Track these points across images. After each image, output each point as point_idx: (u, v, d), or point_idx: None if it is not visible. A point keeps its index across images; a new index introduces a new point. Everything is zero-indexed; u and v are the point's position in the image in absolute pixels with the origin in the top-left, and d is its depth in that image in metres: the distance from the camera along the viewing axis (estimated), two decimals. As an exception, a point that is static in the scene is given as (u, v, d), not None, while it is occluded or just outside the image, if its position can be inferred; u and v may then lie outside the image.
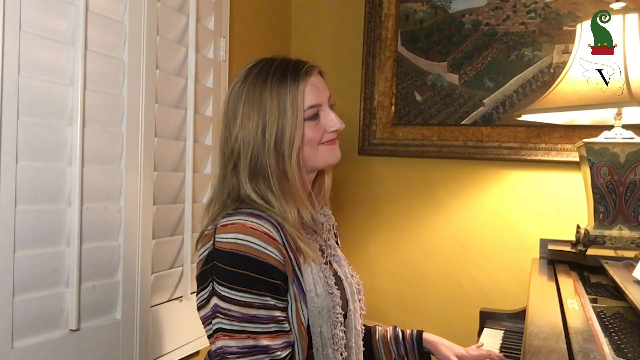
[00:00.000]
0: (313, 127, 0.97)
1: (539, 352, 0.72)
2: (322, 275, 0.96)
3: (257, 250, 0.86)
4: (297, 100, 0.94)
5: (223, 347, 0.86)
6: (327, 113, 0.99)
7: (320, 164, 1.01)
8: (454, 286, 1.89)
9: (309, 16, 2.16)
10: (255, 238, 0.87)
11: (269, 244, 0.87)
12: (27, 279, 0.96)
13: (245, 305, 0.86)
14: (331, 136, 1.00)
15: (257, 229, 0.88)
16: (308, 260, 0.94)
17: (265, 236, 0.88)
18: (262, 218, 0.90)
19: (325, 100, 1.00)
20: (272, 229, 0.89)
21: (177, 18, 1.37)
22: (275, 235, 0.89)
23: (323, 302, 0.93)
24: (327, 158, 1.00)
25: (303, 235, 0.95)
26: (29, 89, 0.96)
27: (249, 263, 0.86)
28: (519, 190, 1.81)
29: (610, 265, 1.08)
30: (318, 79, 1.00)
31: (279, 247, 0.89)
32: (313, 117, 0.97)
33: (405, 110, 1.96)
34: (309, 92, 0.96)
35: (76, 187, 1.05)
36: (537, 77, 1.76)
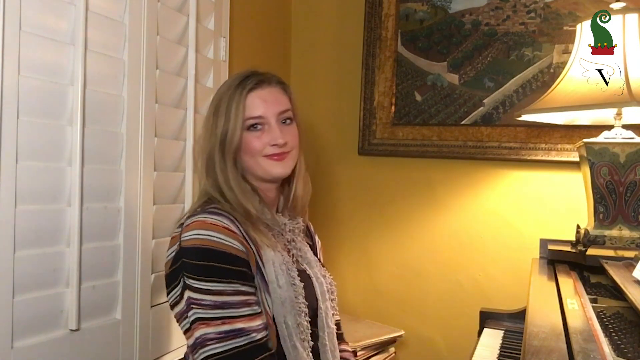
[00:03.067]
0: (254, 138, 1.04)
1: (539, 352, 0.72)
2: (285, 268, 1.01)
3: (218, 242, 0.93)
4: (239, 110, 1.02)
5: (202, 336, 0.91)
6: (273, 127, 1.04)
7: (262, 175, 1.06)
8: (454, 286, 1.89)
9: (309, 16, 2.16)
10: (215, 232, 0.94)
11: (229, 236, 0.94)
12: (27, 279, 0.96)
13: (217, 293, 0.91)
14: (272, 150, 1.04)
15: (216, 224, 0.95)
16: (264, 248, 0.99)
17: (225, 230, 0.95)
18: (219, 214, 0.97)
19: (271, 114, 1.04)
20: (230, 223, 0.97)
21: (177, 18, 1.37)
22: (233, 228, 0.96)
23: (285, 292, 0.98)
24: (267, 170, 1.05)
25: (257, 227, 1.01)
26: (29, 89, 0.96)
27: (212, 255, 0.92)
28: (519, 190, 1.81)
29: (610, 265, 1.08)
30: (271, 93, 1.06)
31: (238, 239, 0.96)
32: (253, 128, 1.04)
33: (405, 110, 1.96)
34: (251, 104, 1.04)
35: (76, 187, 1.05)
36: (537, 77, 1.76)
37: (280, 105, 1.06)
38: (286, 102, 1.08)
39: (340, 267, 2.08)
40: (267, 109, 1.04)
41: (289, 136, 1.06)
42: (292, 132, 1.07)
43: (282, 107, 1.06)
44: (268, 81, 1.07)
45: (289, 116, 1.08)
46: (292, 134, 1.07)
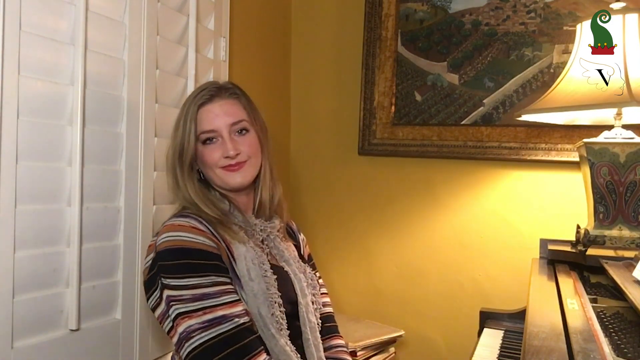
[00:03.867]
0: (208, 151, 1.08)
1: (539, 352, 0.72)
2: (257, 262, 1.03)
3: (188, 241, 0.97)
4: (191, 125, 1.07)
5: (186, 329, 0.92)
6: (224, 140, 1.07)
7: (221, 185, 1.10)
8: (454, 286, 1.89)
9: (309, 16, 2.16)
10: (184, 232, 0.98)
11: (198, 235, 0.98)
12: (27, 279, 0.96)
13: (194, 287, 0.94)
14: (226, 162, 1.07)
15: (183, 225, 0.99)
16: (235, 243, 1.02)
17: (193, 229, 0.99)
18: (187, 216, 1.02)
19: (223, 126, 1.07)
20: (197, 223, 1.01)
21: (177, 18, 1.37)
22: (201, 227, 1.00)
23: (257, 285, 1.00)
24: (224, 181, 1.09)
25: (226, 225, 1.05)
26: (29, 89, 0.96)
27: (185, 252, 0.96)
28: (519, 190, 1.81)
29: (610, 265, 1.08)
30: (222, 106, 1.08)
31: (207, 236, 0.99)
32: (208, 141, 1.08)
33: (405, 110, 1.96)
34: (202, 119, 1.08)
35: (76, 187, 1.05)
36: (537, 77, 1.76)
37: (232, 117, 1.08)
38: (239, 112, 1.10)
39: (340, 267, 2.08)
40: (217, 123, 1.07)
41: (243, 146, 1.08)
42: (247, 142, 1.09)
43: (234, 119, 1.08)
44: (220, 94, 1.10)
45: (244, 126, 1.10)
46: (247, 143, 1.09)
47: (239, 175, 1.08)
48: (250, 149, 1.10)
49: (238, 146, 1.08)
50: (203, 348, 0.91)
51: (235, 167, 1.08)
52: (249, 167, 1.10)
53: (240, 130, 1.10)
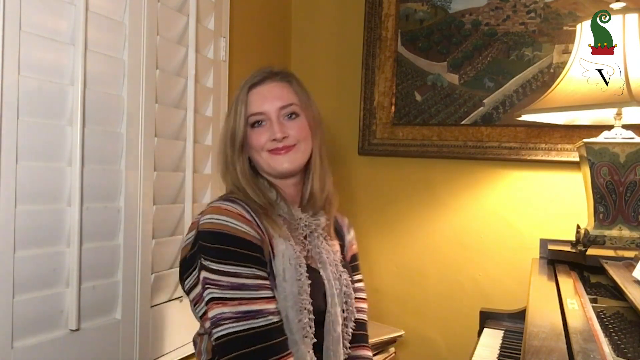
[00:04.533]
0: (256, 134, 1.06)
1: (539, 352, 0.72)
2: (295, 262, 0.99)
3: (232, 227, 0.94)
4: (242, 107, 1.05)
5: (217, 315, 0.90)
6: (272, 123, 1.05)
7: (268, 170, 1.07)
8: (454, 286, 1.89)
9: (309, 16, 2.16)
10: (230, 218, 0.95)
11: (244, 223, 0.95)
12: (27, 279, 0.96)
13: (233, 275, 0.91)
14: (272, 145, 1.04)
15: (230, 210, 0.96)
16: (277, 238, 0.99)
17: (239, 216, 0.96)
18: (234, 202, 0.99)
19: (272, 109, 1.05)
20: (244, 211, 0.98)
21: (177, 18, 1.37)
22: (247, 216, 0.97)
23: (289, 287, 0.96)
24: (271, 165, 1.06)
25: (271, 217, 1.02)
26: (29, 89, 0.96)
27: (229, 239, 0.93)
28: (519, 190, 1.81)
29: (610, 265, 1.08)
30: (272, 88, 1.06)
31: (252, 226, 0.96)
32: (255, 124, 1.06)
33: (405, 110, 1.96)
34: (252, 101, 1.06)
35: (76, 187, 1.05)
36: (537, 77, 1.76)
37: (281, 100, 1.05)
38: (290, 96, 1.07)
39: (340, 267, 2.08)
40: (266, 105, 1.05)
41: (292, 130, 1.05)
42: (296, 126, 1.06)
43: (283, 102, 1.05)
44: (271, 77, 1.08)
45: (293, 110, 1.07)
46: (296, 127, 1.06)
47: (286, 159, 1.05)
48: (299, 133, 1.06)
49: (286, 129, 1.04)
50: (232, 338, 0.89)
51: (282, 151, 1.04)
52: (297, 152, 1.06)
53: (290, 115, 1.06)
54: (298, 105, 1.07)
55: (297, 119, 1.07)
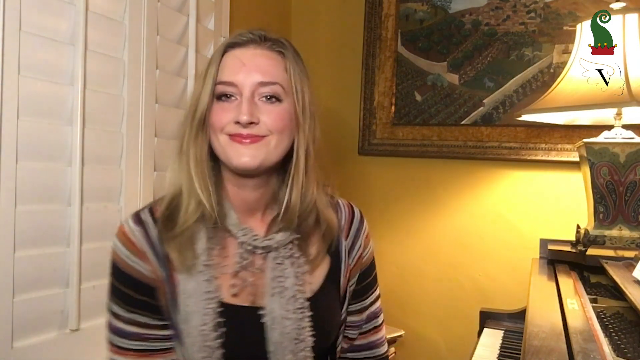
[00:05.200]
0: (219, 109, 0.79)
1: (539, 352, 0.72)
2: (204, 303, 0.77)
3: (121, 259, 0.79)
4: (211, 72, 0.80)
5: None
6: (243, 101, 0.78)
7: (223, 159, 0.80)
8: (454, 286, 1.89)
9: (309, 16, 2.16)
10: (122, 246, 0.79)
11: (134, 255, 0.79)
12: (27, 279, 0.96)
13: (114, 315, 0.80)
14: (235, 128, 0.78)
15: (127, 233, 0.79)
16: (180, 271, 0.78)
17: (130, 245, 0.79)
18: (139, 220, 0.80)
19: (247, 82, 0.78)
20: (142, 237, 0.79)
21: (177, 18, 1.37)
22: (141, 245, 0.78)
23: (195, 335, 0.76)
24: (224, 154, 0.79)
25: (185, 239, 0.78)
26: (29, 89, 0.96)
27: (117, 272, 0.81)
28: (519, 190, 1.80)
29: (610, 265, 1.08)
30: (254, 56, 0.80)
31: (144, 259, 0.78)
32: (222, 97, 0.79)
33: (405, 110, 1.96)
34: (225, 65, 0.80)
35: (76, 187, 1.05)
36: (537, 77, 1.76)
37: (263, 74, 0.79)
38: (276, 72, 0.80)
39: (340, 267, 2.08)
40: (241, 75, 0.78)
41: (266, 117, 0.78)
42: (274, 113, 0.79)
43: (265, 78, 0.79)
44: (259, 41, 0.81)
45: (275, 92, 0.79)
46: (273, 115, 0.79)
47: (247, 152, 0.77)
48: (274, 122, 0.79)
49: (257, 113, 0.78)
50: None
51: (246, 140, 0.77)
52: (265, 145, 0.78)
53: (270, 97, 0.79)
54: (284, 86, 0.81)
55: (277, 105, 0.80)
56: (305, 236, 0.85)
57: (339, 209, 0.97)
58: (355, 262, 0.95)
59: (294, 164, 0.83)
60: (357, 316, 0.96)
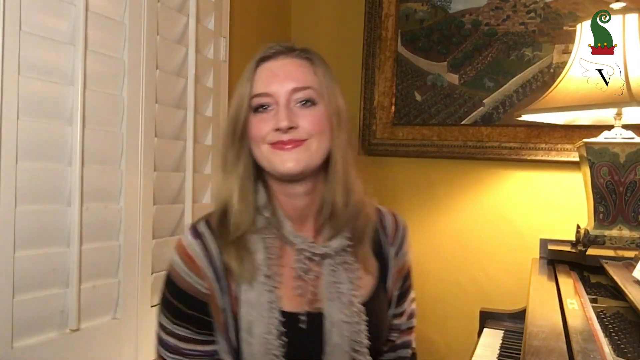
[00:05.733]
0: (257, 121, 0.82)
1: (539, 352, 0.72)
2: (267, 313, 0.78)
3: (178, 274, 0.82)
4: (246, 86, 0.83)
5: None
6: (279, 108, 0.81)
7: (269, 169, 0.83)
8: (454, 286, 1.89)
9: (309, 16, 2.16)
10: (180, 260, 0.82)
11: (190, 270, 0.81)
12: (27, 279, 0.96)
13: (160, 326, 0.84)
14: (276, 136, 0.80)
15: (185, 248, 0.82)
16: (243, 282, 0.80)
17: (188, 260, 0.81)
18: (198, 234, 0.82)
19: (281, 90, 0.81)
20: (201, 250, 0.81)
21: (177, 18, 1.37)
22: (199, 260, 0.80)
23: (257, 345, 0.78)
24: (269, 163, 0.81)
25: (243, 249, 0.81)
26: (29, 89, 0.96)
27: (171, 287, 0.83)
28: (519, 190, 1.80)
29: (610, 265, 1.08)
30: (285, 65, 0.84)
31: (201, 274, 0.80)
32: (259, 108, 0.83)
33: (405, 110, 1.96)
34: (258, 79, 0.83)
35: (76, 187, 1.05)
36: (537, 77, 1.76)
37: (296, 80, 0.82)
38: (307, 78, 0.84)
39: (340, 267, 2.08)
40: (275, 85, 0.81)
41: (304, 120, 0.81)
42: (311, 116, 0.82)
43: (298, 84, 0.82)
44: (288, 52, 0.86)
45: (309, 96, 0.82)
46: (311, 118, 0.81)
47: (290, 157, 0.79)
48: (313, 125, 0.81)
49: (296, 118, 0.80)
50: None
51: (288, 145, 0.80)
52: (306, 149, 0.81)
53: (305, 101, 0.82)
54: (317, 90, 0.84)
55: (313, 108, 0.83)
56: (357, 242, 0.88)
57: (383, 216, 1.00)
58: (400, 267, 0.98)
59: (332, 165, 0.85)
60: (399, 319, 0.98)
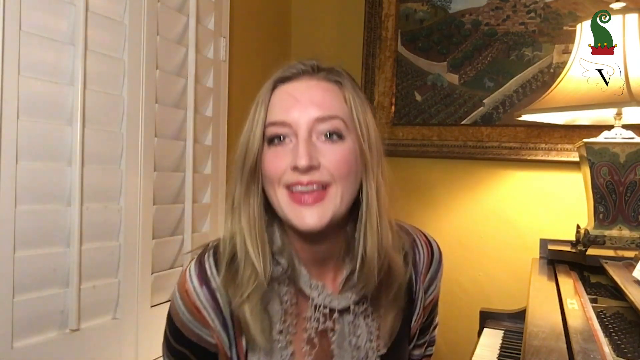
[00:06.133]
0: (272, 155, 0.69)
1: (539, 352, 0.72)
2: None
3: (183, 322, 0.74)
4: (258, 111, 0.71)
5: None
6: (300, 142, 0.67)
7: (282, 217, 0.71)
8: (454, 286, 1.89)
9: (309, 16, 2.16)
10: (186, 309, 0.73)
11: (196, 320, 0.73)
12: (27, 279, 0.96)
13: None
14: (293, 177, 0.67)
15: (191, 297, 0.72)
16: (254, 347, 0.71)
17: (195, 311, 0.72)
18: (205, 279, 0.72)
19: (302, 119, 0.68)
20: (208, 301, 0.72)
21: (177, 18, 1.37)
22: (207, 312, 0.72)
23: None
24: (285, 216, 0.69)
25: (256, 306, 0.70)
26: (29, 89, 0.96)
27: (175, 333, 0.75)
28: (519, 190, 1.81)
29: (610, 265, 1.08)
30: (309, 89, 0.70)
31: (207, 325, 0.73)
32: (272, 140, 0.70)
33: (405, 110, 1.96)
34: (275, 102, 0.70)
35: (76, 187, 1.05)
36: (537, 77, 1.76)
37: (321, 108, 0.68)
38: (336, 105, 0.70)
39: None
40: (295, 112, 0.68)
41: (328, 159, 0.68)
42: (337, 154, 0.68)
43: (323, 112, 0.68)
44: (312, 72, 0.72)
45: (337, 128, 0.69)
46: (337, 156, 0.68)
47: (311, 213, 0.67)
48: (338, 165, 0.68)
49: (317, 155, 0.67)
50: None
51: (309, 199, 0.67)
52: (330, 201, 0.68)
53: (330, 135, 0.69)
54: (346, 121, 0.70)
55: (339, 144, 0.69)
56: (378, 292, 0.76)
57: (417, 251, 0.86)
58: (429, 302, 0.91)
59: (364, 210, 0.72)
60: (419, 349, 0.94)
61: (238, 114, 1.67)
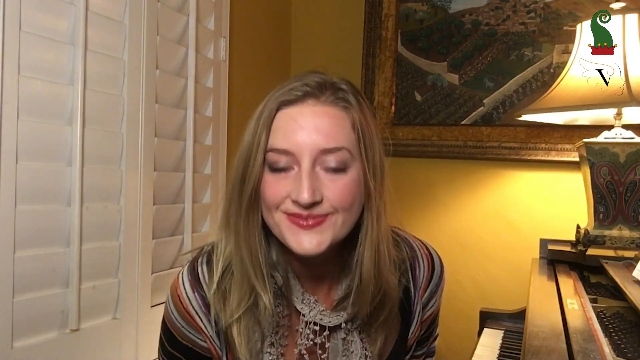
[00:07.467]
0: (272, 182, 0.67)
1: (539, 352, 0.72)
2: None
3: (177, 327, 0.75)
4: (261, 135, 0.67)
5: None
6: (303, 174, 0.65)
7: (279, 238, 0.70)
8: (454, 286, 1.89)
9: (309, 16, 2.16)
10: (179, 315, 0.74)
11: (190, 327, 0.74)
12: (27, 279, 0.96)
13: None
14: (292, 208, 0.66)
15: (183, 302, 0.73)
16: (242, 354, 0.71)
17: (188, 317, 0.73)
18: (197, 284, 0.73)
19: (306, 150, 0.65)
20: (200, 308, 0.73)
21: (177, 18, 1.37)
22: (199, 319, 0.73)
23: None
24: (283, 239, 0.68)
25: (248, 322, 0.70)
26: (29, 89, 0.96)
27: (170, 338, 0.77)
28: (519, 190, 1.80)
29: (610, 265, 1.08)
30: (315, 115, 0.67)
31: (200, 330, 0.74)
32: (273, 167, 0.67)
33: (405, 110, 1.96)
34: (278, 127, 0.67)
35: (76, 187, 1.05)
36: (537, 77, 1.76)
37: (327, 138, 0.66)
38: (342, 134, 0.67)
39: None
40: (298, 140, 0.66)
41: (332, 192, 0.66)
42: (341, 187, 0.67)
43: (328, 143, 0.66)
44: (319, 94, 0.68)
45: (342, 160, 0.67)
46: (340, 189, 0.66)
47: (310, 238, 0.66)
48: (341, 198, 0.66)
49: (321, 189, 0.66)
50: None
51: (308, 222, 0.66)
52: (330, 227, 0.67)
53: (335, 168, 0.67)
54: (352, 150, 0.68)
55: (343, 176, 0.67)
56: (370, 313, 0.75)
57: (417, 263, 0.85)
58: (427, 316, 0.89)
59: (364, 235, 0.71)
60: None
61: (238, 114, 1.67)
